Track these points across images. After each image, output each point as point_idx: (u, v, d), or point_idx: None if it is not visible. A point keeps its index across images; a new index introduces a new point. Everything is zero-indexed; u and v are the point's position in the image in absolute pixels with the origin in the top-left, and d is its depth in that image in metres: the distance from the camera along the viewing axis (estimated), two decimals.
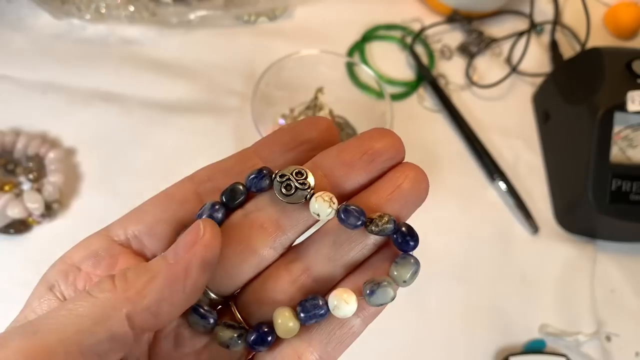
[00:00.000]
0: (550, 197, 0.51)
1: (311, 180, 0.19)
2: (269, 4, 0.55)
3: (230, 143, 0.49)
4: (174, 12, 0.53)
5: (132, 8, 0.52)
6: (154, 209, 0.21)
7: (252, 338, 0.19)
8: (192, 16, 0.53)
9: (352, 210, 0.19)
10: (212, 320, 0.19)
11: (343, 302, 0.19)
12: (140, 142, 0.48)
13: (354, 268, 0.20)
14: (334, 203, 0.19)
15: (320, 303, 0.19)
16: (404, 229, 0.20)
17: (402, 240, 0.19)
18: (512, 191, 0.50)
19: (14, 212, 0.42)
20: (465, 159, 0.52)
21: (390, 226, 0.19)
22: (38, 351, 0.15)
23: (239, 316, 0.20)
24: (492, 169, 0.50)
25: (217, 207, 0.20)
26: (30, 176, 0.44)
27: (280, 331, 0.19)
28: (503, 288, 0.46)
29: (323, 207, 0.19)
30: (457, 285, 0.46)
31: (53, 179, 0.44)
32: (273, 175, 0.20)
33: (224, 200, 0.20)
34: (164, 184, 0.49)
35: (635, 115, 0.45)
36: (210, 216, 0.20)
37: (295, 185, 0.19)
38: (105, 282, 0.17)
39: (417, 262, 0.20)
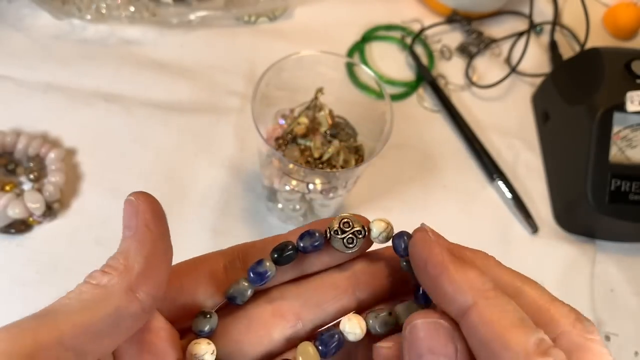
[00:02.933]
0: (549, 197, 0.51)
1: (358, 225, 0.21)
2: (269, 4, 0.55)
3: (230, 143, 0.49)
4: (174, 13, 0.53)
5: (132, 8, 0.52)
6: (185, 274, 0.22)
7: None
8: (192, 16, 0.53)
9: (403, 243, 0.21)
10: None
11: (352, 324, 0.20)
12: (140, 142, 0.48)
13: None
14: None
15: (336, 335, 0.20)
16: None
17: (423, 295, 0.21)
18: (511, 191, 0.50)
19: (15, 212, 0.42)
20: (465, 159, 0.52)
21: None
22: (50, 330, 0.16)
23: None
24: (492, 169, 0.51)
25: (267, 263, 0.21)
26: (31, 176, 0.45)
27: None
28: None
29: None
30: None
31: (54, 179, 0.44)
32: (326, 234, 0.21)
33: (275, 256, 0.21)
34: (164, 184, 0.49)
35: (634, 116, 0.45)
36: (261, 274, 0.21)
37: (355, 237, 0.21)
38: (96, 273, 0.19)
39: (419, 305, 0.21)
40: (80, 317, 0.17)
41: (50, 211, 0.43)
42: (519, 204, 0.49)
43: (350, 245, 0.21)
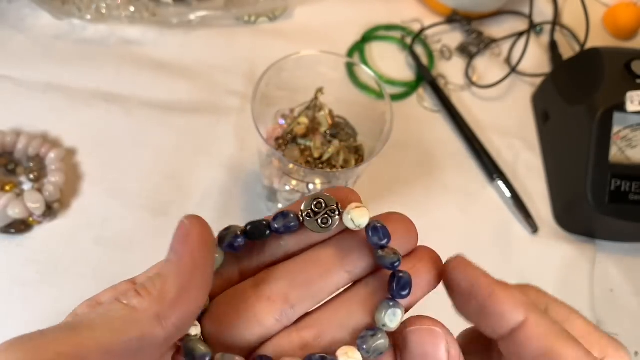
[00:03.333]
0: (549, 197, 0.51)
1: (332, 202, 0.21)
2: (269, 4, 0.55)
3: (230, 143, 0.49)
4: (174, 13, 0.53)
5: (132, 8, 0.52)
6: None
7: None
8: (192, 16, 0.53)
9: (380, 229, 0.20)
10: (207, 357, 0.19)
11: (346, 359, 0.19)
12: (140, 142, 0.48)
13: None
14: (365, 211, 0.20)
15: None
16: (402, 275, 0.20)
17: (397, 287, 0.20)
18: (511, 191, 0.50)
19: (15, 212, 0.42)
20: (465, 159, 0.52)
21: (394, 259, 0.20)
22: (74, 345, 0.16)
23: None
24: (492, 169, 0.51)
25: (239, 235, 0.21)
26: (31, 176, 0.45)
27: None
28: None
29: (361, 215, 0.20)
30: None
31: (54, 179, 0.44)
32: (300, 216, 0.21)
33: (248, 229, 0.21)
34: (164, 184, 0.49)
35: (634, 116, 0.46)
36: (231, 244, 0.21)
37: (329, 215, 0.20)
38: (130, 292, 0.18)
39: (396, 304, 0.20)
40: (105, 337, 0.17)
41: (50, 211, 0.43)
42: (519, 204, 0.49)
43: (325, 226, 0.20)
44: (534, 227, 0.49)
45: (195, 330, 0.20)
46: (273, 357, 0.20)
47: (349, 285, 0.21)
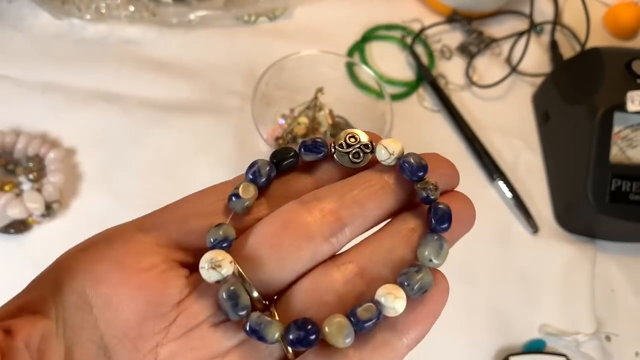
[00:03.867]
0: (550, 197, 0.51)
1: (365, 138, 0.20)
2: (269, 4, 0.55)
3: (230, 143, 0.49)
4: (174, 12, 0.53)
5: (132, 8, 0.52)
6: (194, 200, 0.20)
7: (293, 335, 0.17)
8: (192, 16, 0.53)
9: (414, 165, 0.19)
10: (247, 309, 0.17)
11: (392, 298, 0.17)
12: (140, 142, 0.48)
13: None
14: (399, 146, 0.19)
15: (375, 310, 0.17)
16: (442, 206, 0.19)
17: (435, 220, 0.19)
18: (512, 191, 0.50)
19: (14, 212, 0.42)
20: (465, 159, 0.52)
21: (432, 190, 0.19)
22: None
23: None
24: (492, 168, 0.51)
25: (269, 166, 0.20)
26: (31, 176, 0.44)
27: (332, 338, 0.17)
28: (503, 288, 0.46)
29: (395, 145, 0.20)
30: (457, 285, 0.46)
31: (53, 179, 0.44)
32: (331, 149, 0.19)
33: (275, 161, 0.20)
34: (164, 184, 0.49)
35: (634, 115, 0.45)
36: (266, 174, 0.19)
37: (362, 150, 0.19)
38: None
39: (440, 238, 0.19)
40: None
41: (50, 211, 0.43)
42: (519, 204, 0.49)
43: (357, 160, 0.19)
44: (534, 227, 0.49)
45: (227, 268, 0.17)
46: (312, 299, 0.18)
47: (388, 221, 0.20)
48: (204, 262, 0.17)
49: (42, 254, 0.42)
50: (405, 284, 0.18)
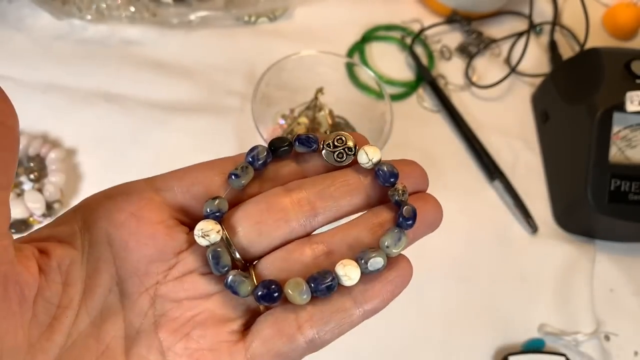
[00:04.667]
0: (549, 197, 0.51)
1: (351, 142, 0.23)
2: (269, 4, 0.55)
3: (230, 143, 0.49)
4: (174, 13, 0.53)
5: (132, 8, 0.52)
6: (198, 171, 0.24)
7: (260, 292, 0.21)
8: (192, 17, 0.53)
9: (387, 172, 0.22)
10: (227, 268, 0.21)
11: (346, 269, 0.21)
12: (140, 142, 0.48)
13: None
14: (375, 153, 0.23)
15: (330, 277, 0.21)
16: (408, 206, 0.22)
17: (403, 219, 0.22)
18: (511, 191, 0.50)
19: (15, 212, 0.42)
20: (465, 159, 0.52)
21: (401, 192, 0.22)
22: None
23: (255, 280, 0.22)
24: (492, 169, 0.51)
25: (266, 152, 0.23)
26: (32, 176, 0.45)
27: (291, 296, 0.21)
28: (502, 288, 0.46)
29: (374, 153, 0.23)
30: (457, 284, 0.46)
31: (54, 179, 0.44)
32: (321, 144, 0.23)
33: (272, 148, 0.23)
34: None
35: (634, 116, 0.46)
36: (263, 159, 0.23)
37: (346, 152, 0.23)
38: None
39: (401, 232, 0.22)
40: None
41: (51, 211, 0.43)
42: (518, 204, 0.49)
43: (340, 160, 0.23)
44: (533, 227, 0.49)
45: (214, 236, 0.21)
46: (283, 266, 0.22)
47: (361, 214, 0.23)
48: (197, 230, 0.21)
49: None
50: (361, 260, 0.21)
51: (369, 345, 0.42)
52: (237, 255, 0.22)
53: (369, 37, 0.57)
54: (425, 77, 0.55)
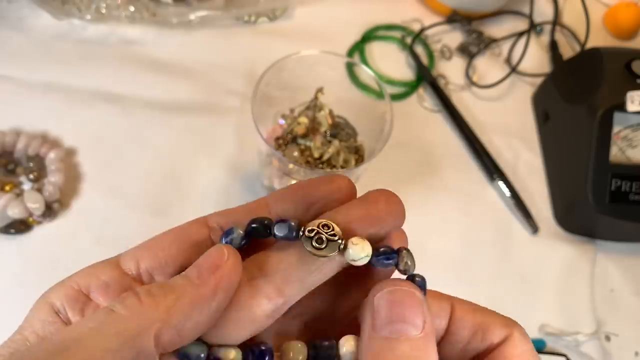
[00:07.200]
0: (549, 197, 0.51)
1: (339, 231, 0.19)
2: (269, 4, 0.55)
3: (230, 143, 0.49)
4: (174, 13, 0.53)
5: (132, 8, 0.52)
6: (168, 245, 0.20)
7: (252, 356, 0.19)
8: (192, 16, 0.53)
9: (383, 252, 0.20)
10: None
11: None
12: (140, 142, 0.48)
13: None
14: (367, 247, 0.19)
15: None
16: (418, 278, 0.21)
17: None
18: (511, 191, 0.50)
19: (15, 212, 0.42)
20: (465, 159, 0.52)
21: (411, 267, 0.21)
22: None
23: None
24: (492, 169, 0.51)
25: (243, 237, 0.20)
26: (31, 176, 0.44)
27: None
28: (503, 288, 0.46)
29: (360, 250, 0.19)
30: (457, 284, 0.46)
31: (53, 179, 0.44)
32: (301, 230, 0.19)
33: (250, 231, 0.20)
34: (164, 184, 0.49)
35: (634, 115, 0.45)
36: (235, 242, 0.20)
37: (327, 238, 0.19)
38: (130, 297, 0.17)
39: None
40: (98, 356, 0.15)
41: (50, 211, 0.43)
42: (519, 204, 0.49)
43: (317, 251, 0.19)
44: (534, 227, 0.49)
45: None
46: (272, 339, 0.19)
47: None
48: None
49: (42, 254, 0.42)
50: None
51: None
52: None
53: (369, 36, 0.57)
54: (425, 77, 0.55)
